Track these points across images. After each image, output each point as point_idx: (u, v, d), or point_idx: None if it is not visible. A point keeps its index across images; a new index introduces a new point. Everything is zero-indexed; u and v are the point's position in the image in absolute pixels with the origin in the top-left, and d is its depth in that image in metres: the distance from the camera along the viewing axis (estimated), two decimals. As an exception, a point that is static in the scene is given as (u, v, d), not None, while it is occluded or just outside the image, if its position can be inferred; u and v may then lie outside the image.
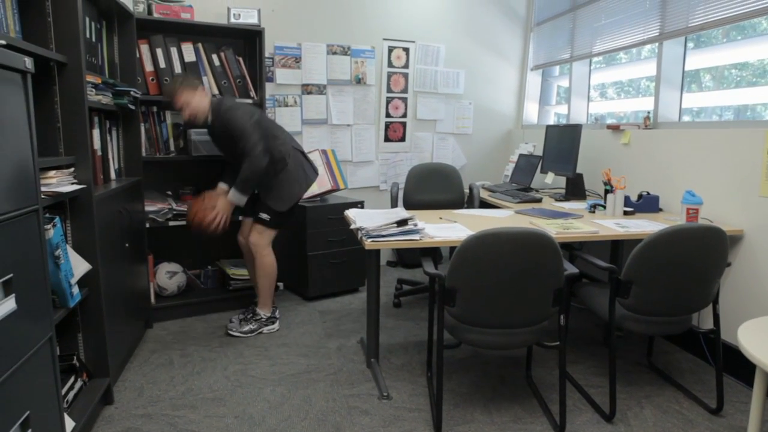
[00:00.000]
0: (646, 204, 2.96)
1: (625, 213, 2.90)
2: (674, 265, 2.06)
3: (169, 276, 3.32)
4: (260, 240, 3.00)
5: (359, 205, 3.68)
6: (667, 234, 2.03)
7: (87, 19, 2.41)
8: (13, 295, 1.25)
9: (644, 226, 2.53)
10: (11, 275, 1.24)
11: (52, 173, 1.93)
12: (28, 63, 1.32)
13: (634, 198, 3.02)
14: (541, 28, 4.63)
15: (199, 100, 2.87)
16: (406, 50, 4.37)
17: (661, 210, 3.02)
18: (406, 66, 4.39)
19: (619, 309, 2.20)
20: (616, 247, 2.95)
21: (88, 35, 2.43)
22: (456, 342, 2.14)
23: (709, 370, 2.64)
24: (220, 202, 2.88)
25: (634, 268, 2.09)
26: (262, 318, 3.08)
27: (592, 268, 3.58)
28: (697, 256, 2.06)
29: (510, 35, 4.78)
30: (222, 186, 3.13)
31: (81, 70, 2.09)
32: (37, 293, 1.41)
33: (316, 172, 3.18)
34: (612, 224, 2.59)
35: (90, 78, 2.26)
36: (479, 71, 4.70)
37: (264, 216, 2.96)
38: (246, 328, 3.01)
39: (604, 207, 2.95)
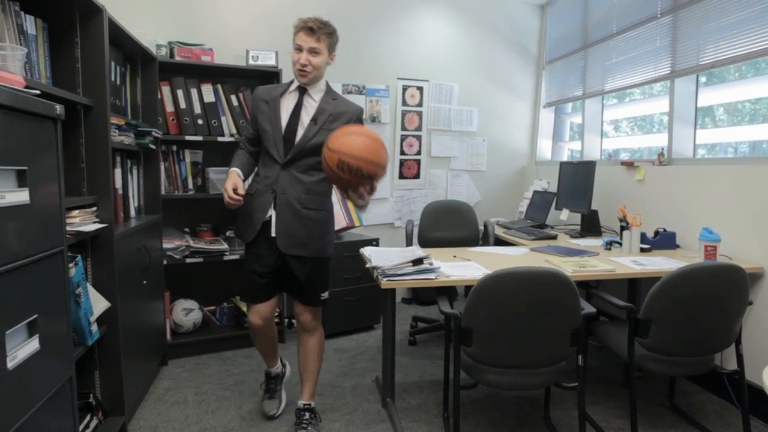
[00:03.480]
0: (663, 241, 2.94)
1: (642, 250, 2.87)
2: (694, 304, 2.03)
3: (185, 313, 3.33)
4: (318, 318, 2.42)
5: (374, 242, 3.69)
6: (685, 272, 2.01)
7: (113, 64, 2.50)
8: (37, 335, 1.27)
9: (662, 263, 2.51)
10: (36, 316, 1.27)
11: (75, 212, 1.97)
12: (59, 110, 1.38)
13: (650, 235, 3.00)
14: (553, 66, 4.70)
15: (327, 61, 2.25)
16: (420, 89, 4.45)
17: (678, 247, 2.99)
18: (420, 104, 4.46)
19: (639, 349, 2.17)
20: (634, 285, 2.92)
21: (113, 78, 2.52)
22: (473, 382, 2.11)
23: (735, 412, 2.56)
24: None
25: (652, 307, 2.07)
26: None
27: (609, 306, 3.55)
28: (718, 294, 2.03)
29: (522, 73, 4.85)
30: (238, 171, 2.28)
31: (106, 112, 2.16)
32: (59, 333, 1.43)
33: None
34: (629, 262, 2.57)
35: (114, 120, 2.33)
36: (492, 109, 4.76)
37: (326, 296, 2.38)
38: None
39: (620, 244, 2.93)
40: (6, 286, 1.15)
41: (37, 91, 1.28)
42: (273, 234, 2.22)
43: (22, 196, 1.21)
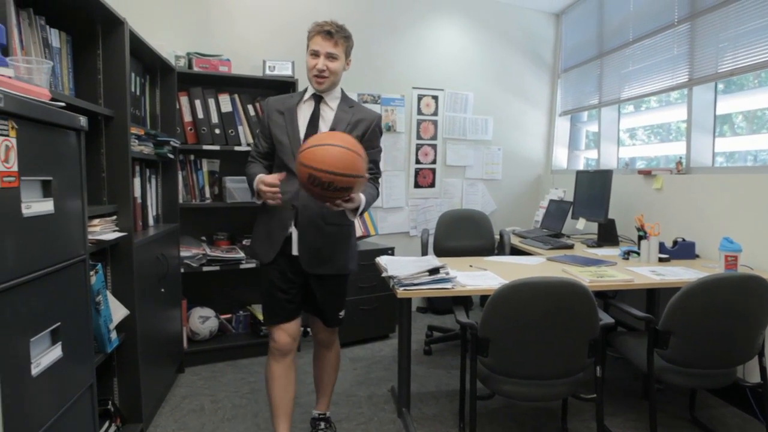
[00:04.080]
0: (682, 251, 2.91)
1: (660, 260, 2.84)
2: (715, 315, 2.00)
3: (201, 321, 3.36)
4: (336, 334, 2.35)
5: (389, 251, 3.69)
6: (705, 283, 1.99)
7: (133, 75, 2.55)
8: (60, 342, 1.29)
9: (681, 273, 2.48)
10: (59, 323, 1.29)
11: (96, 221, 2.01)
12: (83, 122, 1.41)
13: (668, 244, 2.96)
14: (569, 74, 4.69)
15: (343, 66, 2.13)
16: (435, 98, 4.46)
17: (697, 257, 2.95)
18: (435, 113, 4.47)
19: (658, 360, 2.14)
20: (652, 296, 2.88)
21: (133, 89, 2.56)
22: (489, 393, 2.09)
23: (759, 426, 2.51)
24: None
25: (672, 318, 2.04)
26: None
27: (627, 316, 3.51)
28: (739, 305, 2.00)
29: (537, 82, 4.84)
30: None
31: (126, 123, 2.20)
32: (80, 340, 1.45)
33: None
34: (647, 272, 2.54)
35: (134, 130, 2.37)
36: (507, 117, 4.76)
37: (343, 314, 2.29)
38: None
39: (638, 254, 2.90)
40: (31, 294, 1.17)
41: (62, 104, 1.31)
42: (295, 252, 2.06)
43: (46, 206, 1.24)
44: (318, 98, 2.13)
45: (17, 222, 1.12)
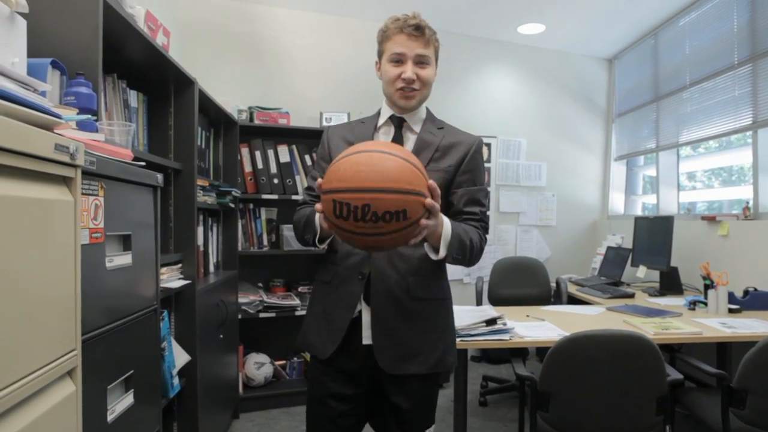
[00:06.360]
0: (755, 301, 2.75)
1: (731, 311, 2.70)
2: (795, 374, 1.88)
3: (257, 367, 3.40)
4: None
5: (443, 298, 3.66)
6: (784, 338, 1.87)
7: (199, 129, 2.70)
8: (132, 390, 1.35)
9: (756, 326, 2.34)
10: (132, 371, 1.35)
11: (163, 269, 2.10)
12: (159, 179, 1.51)
13: (738, 294, 2.82)
14: (623, 119, 4.63)
15: (434, 75, 1.56)
16: (488, 145, 4.48)
17: (772, 308, 2.79)
18: (488, 160, 4.48)
19: (735, 421, 2.01)
20: (723, 349, 2.73)
21: (199, 143, 2.71)
22: (551, 450, 2.01)
23: None
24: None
25: (748, 375, 1.92)
26: None
27: (696, 371, 3.32)
28: (822, 363, 1.87)
29: (591, 127, 4.80)
30: None
31: (193, 175, 2.33)
32: (149, 387, 1.50)
33: None
34: (717, 323, 2.41)
35: (199, 182, 2.49)
36: (561, 163, 4.72)
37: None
38: None
39: (705, 304, 2.77)
40: (110, 343, 1.24)
41: (143, 163, 1.41)
42: (366, 341, 1.44)
43: (126, 259, 1.32)
44: (399, 121, 1.56)
45: (102, 275, 1.19)
